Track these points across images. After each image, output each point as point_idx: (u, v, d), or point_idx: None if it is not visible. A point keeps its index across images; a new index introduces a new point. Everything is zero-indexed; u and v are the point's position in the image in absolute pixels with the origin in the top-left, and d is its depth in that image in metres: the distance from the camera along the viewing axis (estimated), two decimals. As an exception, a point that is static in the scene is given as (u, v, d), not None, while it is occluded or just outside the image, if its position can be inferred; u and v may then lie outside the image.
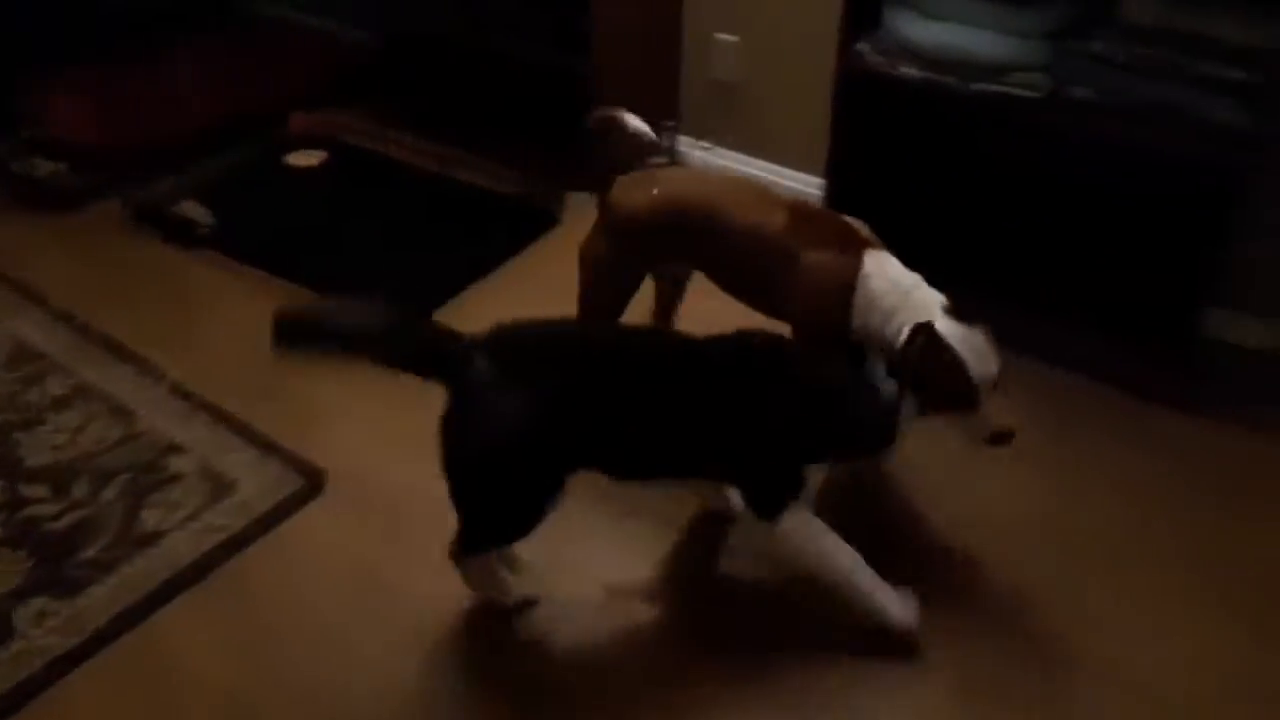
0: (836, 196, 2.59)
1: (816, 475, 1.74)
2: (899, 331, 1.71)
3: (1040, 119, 2.28)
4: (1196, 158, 2.09)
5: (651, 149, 2.16)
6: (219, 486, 2.04)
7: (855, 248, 1.81)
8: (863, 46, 2.39)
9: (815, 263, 1.81)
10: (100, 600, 1.82)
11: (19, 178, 3.03)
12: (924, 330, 1.68)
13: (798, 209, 1.90)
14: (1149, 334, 2.28)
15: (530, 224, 2.91)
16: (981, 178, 2.56)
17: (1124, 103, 2.14)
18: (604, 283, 2.08)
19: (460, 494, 1.66)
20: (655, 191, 1.97)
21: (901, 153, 2.60)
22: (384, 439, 2.19)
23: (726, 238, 1.90)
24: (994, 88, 2.27)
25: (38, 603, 1.80)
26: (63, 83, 3.31)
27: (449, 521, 1.99)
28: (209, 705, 1.70)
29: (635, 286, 2.10)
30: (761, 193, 1.98)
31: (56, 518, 1.97)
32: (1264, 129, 2.02)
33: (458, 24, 3.17)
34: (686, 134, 3.13)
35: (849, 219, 1.89)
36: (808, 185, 2.97)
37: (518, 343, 1.66)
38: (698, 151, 3.13)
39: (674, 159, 3.05)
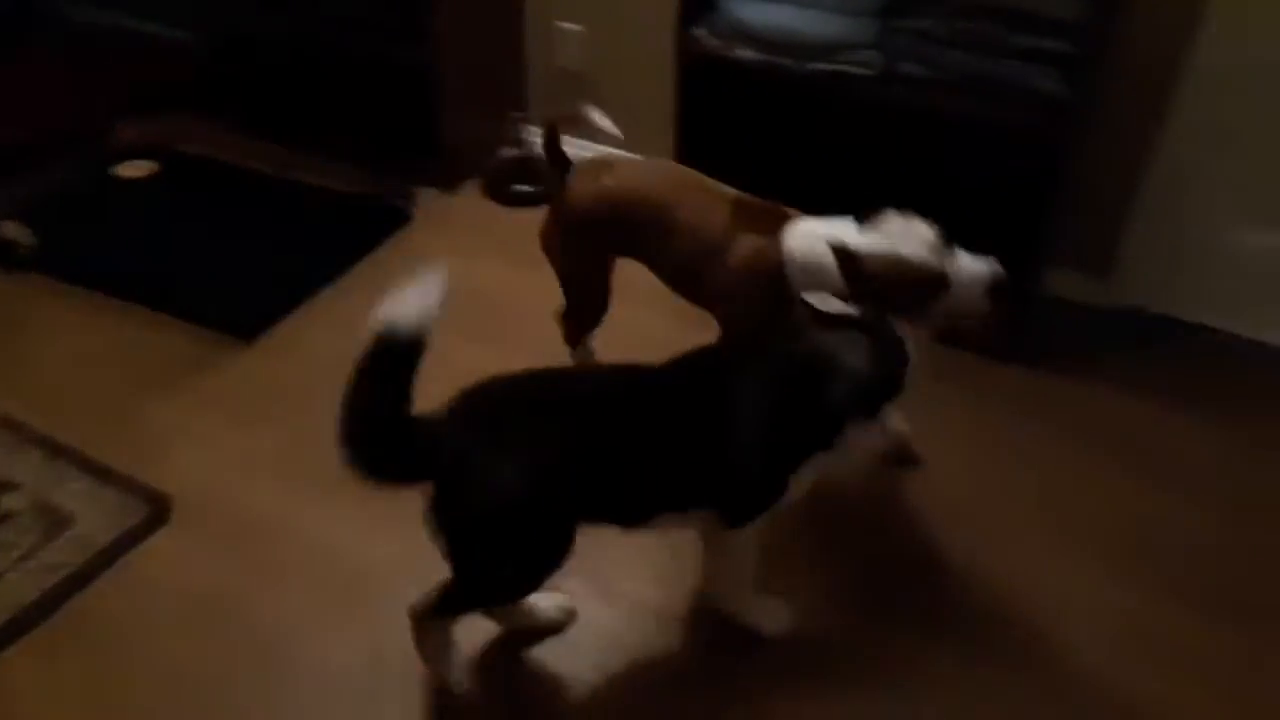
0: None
1: (804, 482, 1.66)
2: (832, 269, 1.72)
3: (873, 96, 2.33)
4: (1022, 126, 2.17)
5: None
6: (55, 521, 1.93)
7: (781, 227, 1.83)
8: (699, 30, 2.41)
9: (744, 249, 1.84)
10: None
11: None
12: (838, 249, 1.70)
13: (740, 203, 1.91)
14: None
15: (381, 223, 2.84)
16: (823, 155, 2.61)
17: (951, 77, 2.21)
18: (567, 272, 2.09)
19: (463, 565, 1.54)
20: (605, 183, 1.97)
21: (745, 134, 2.63)
22: (230, 461, 2.11)
23: (669, 232, 1.90)
24: (828, 66, 2.31)
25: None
26: None
27: (302, 542, 1.94)
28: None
29: (598, 272, 2.08)
30: (708, 188, 1.96)
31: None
32: (1080, 96, 2.11)
33: (291, 21, 3.06)
34: (534, 124, 3.10)
35: (787, 208, 1.89)
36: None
37: (485, 408, 1.54)
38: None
39: (526, 151, 3.02)
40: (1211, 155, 2.29)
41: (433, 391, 1.51)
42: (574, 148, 2.12)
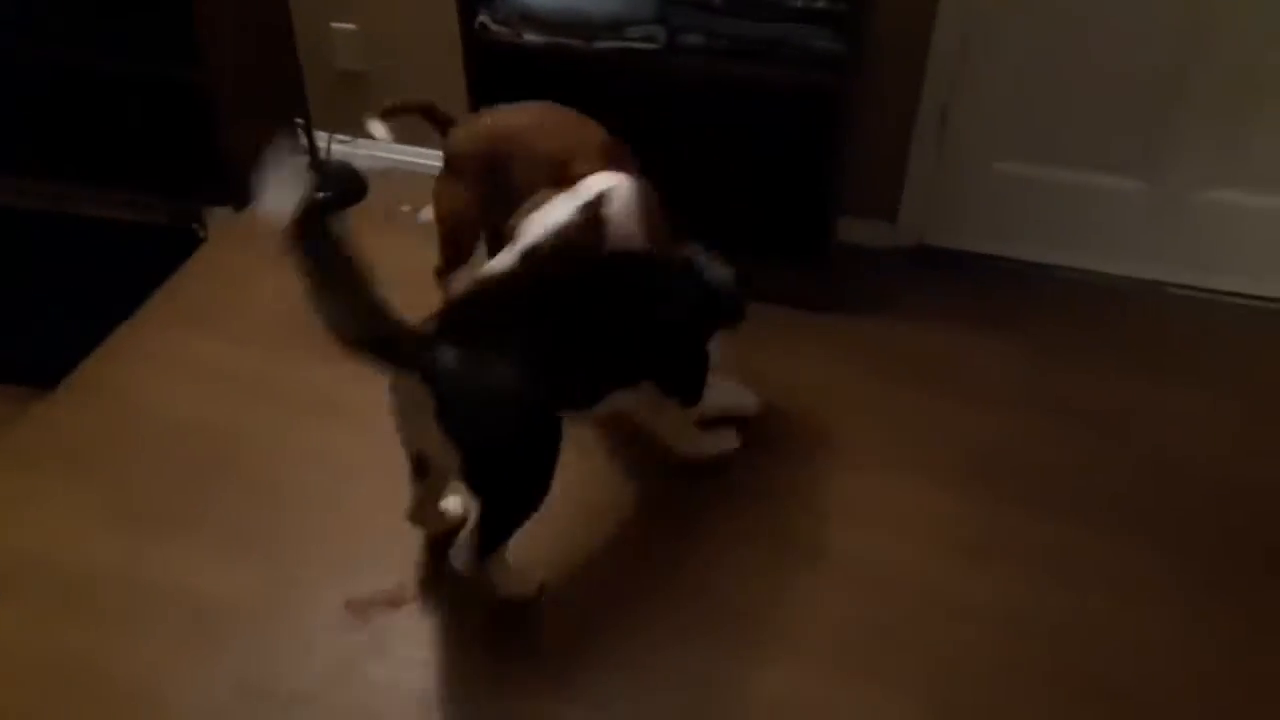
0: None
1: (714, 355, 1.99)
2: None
3: (661, 68, 2.41)
4: (802, 84, 2.31)
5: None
6: None
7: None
8: (483, 18, 2.42)
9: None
10: None
11: None
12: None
13: (602, 144, 2.09)
14: (790, 250, 2.52)
15: (173, 247, 2.71)
16: (620, 130, 2.68)
17: (732, 44, 2.32)
18: (444, 212, 2.24)
19: (488, 475, 1.64)
20: (483, 121, 2.21)
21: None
22: (54, 519, 2.00)
23: (530, 162, 2.06)
24: (614, 44, 2.38)
25: None
26: None
27: (146, 587, 1.87)
28: None
29: (470, 209, 2.20)
30: (579, 126, 2.13)
31: None
32: (853, 51, 2.26)
33: (47, 47, 2.84)
34: (321, 129, 3.02)
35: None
36: (433, 160, 2.97)
37: (466, 314, 1.70)
38: (336, 145, 3.04)
39: (316, 158, 2.95)
40: (970, 97, 2.51)
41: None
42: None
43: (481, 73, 2.50)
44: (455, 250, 2.26)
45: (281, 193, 1.51)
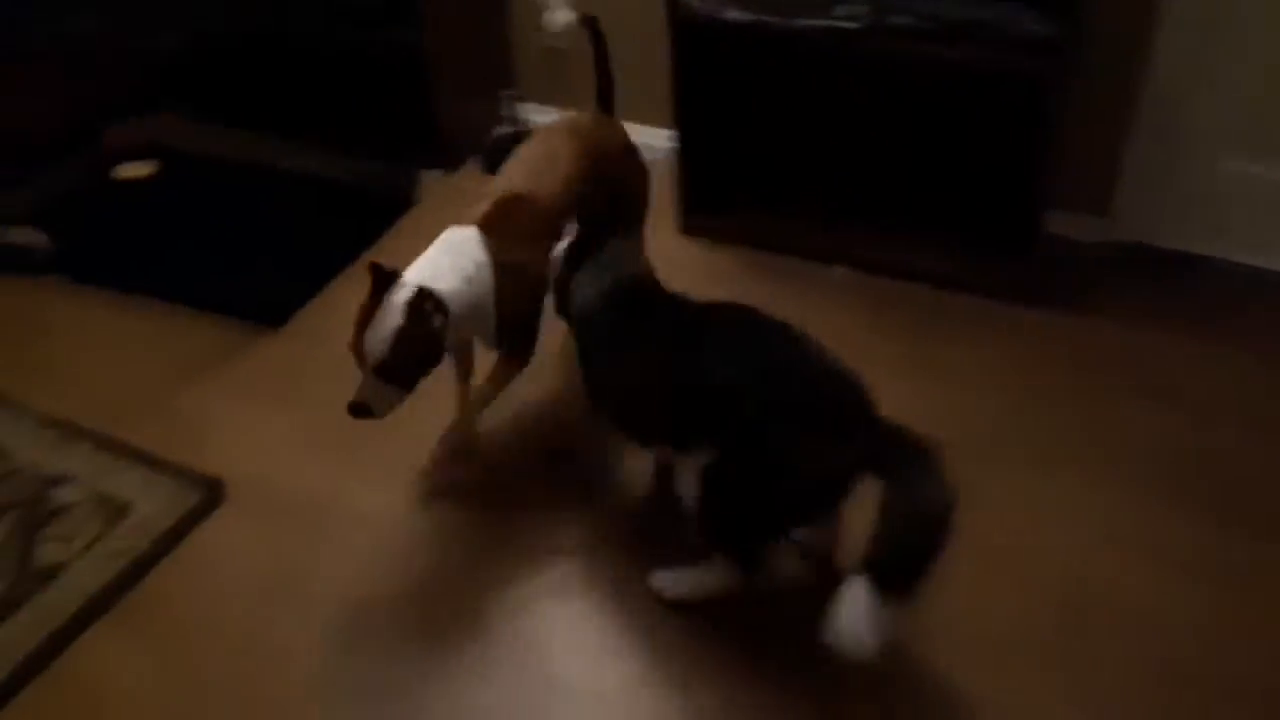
0: (687, 145, 2.68)
1: None
2: None
3: (865, 48, 2.40)
4: (1013, 69, 2.26)
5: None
6: (113, 510, 1.99)
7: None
8: (688, -6, 2.47)
9: None
10: (15, 637, 1.76)
11: None
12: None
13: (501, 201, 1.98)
14: (994, 240, 2.47)
15: (386, 209, 2.89)
16: (819, 111, 2.69)
17: (940, 25, 2.29)
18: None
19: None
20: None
21: (741, 94, 2.70)
22: (272, 442, 2.17)
23: None
24: (819, 22, 2.38)
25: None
26: None
27: (351, 514, 2.01)
28: (145, 709, 1.68)
29: None
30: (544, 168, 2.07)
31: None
32: (1068, 36, 2.19)
33: (276, 16, 3.08)
34: (528, 101, 3.15)
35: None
36: (657, 139, 3.05)
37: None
38: (539, 118, 3.16)
39: (520, 128, 3.08)
40: (1197, 88, 2.39)
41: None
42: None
43: (685, 50, 2.55)
44: None
45: None
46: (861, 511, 1.53)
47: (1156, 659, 1.70)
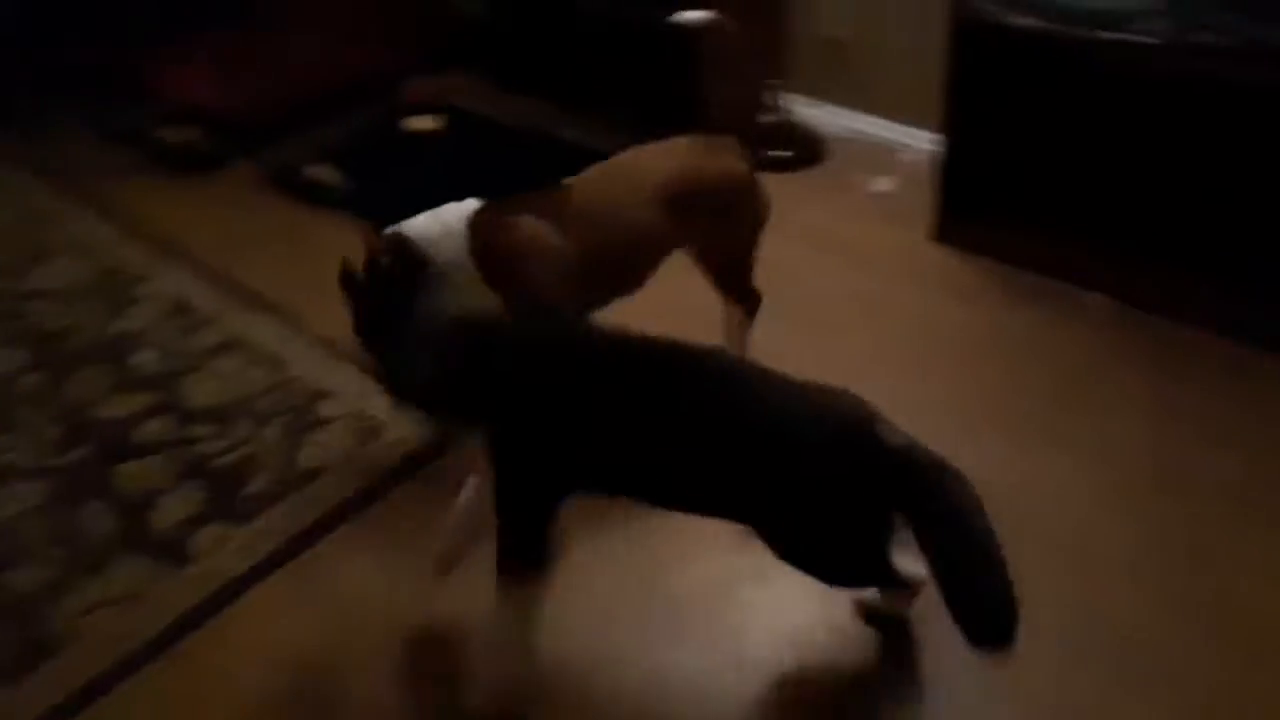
0: (952, 150, 2.62)
1: None
2: None
3: (1162, 66, 2.27)
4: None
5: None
6: (368, 429, 2.18)
7: None
8: (979, -4, 2.41)
9: None
10: (271, 528, 1.97)
11: (155, 145, 3.21)
12: None
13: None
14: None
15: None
16: (1100, 128, 2.56)
17: (1248, 45, 2.13)
18: None
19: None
20: None
21: (1018, 104, 2.61)
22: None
23: None
24: (1115, 36, 2.27)
25: (215, 529, 1.96)
26: (189, 51, 3.46)
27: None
28: (374, 622, 1.84)
29: None
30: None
31: (224, 454, 2.12)
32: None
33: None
34: (794, 91, 3.16)
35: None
36: (921, 141, 3.00)
37: None
38: (804, 109, 3.17)
39: (783, 117, 3.10)
40: None
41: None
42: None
43: (964, 53, 2.49)
44: None
45: None
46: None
47: None
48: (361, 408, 2.23)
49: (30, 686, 1.69)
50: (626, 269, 2.07)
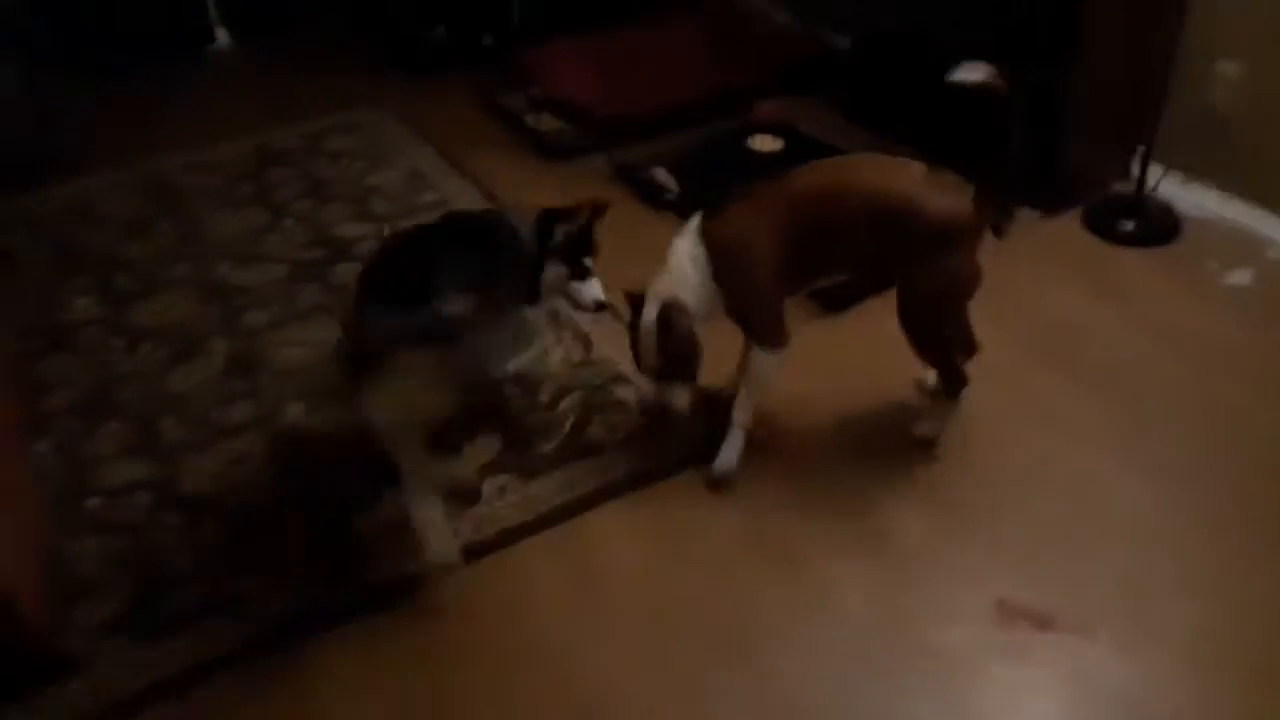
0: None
1: None
2: None
3: None
4: None
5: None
6: (655, 418, 2.29)
7: None
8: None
9: None
10: (549, 489, 2.13)
11: (528, 129, 3.53)
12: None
13: None
14: None
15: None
16: None
17: None
18: None
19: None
20: None
21: None
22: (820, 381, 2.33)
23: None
24: None
25: (502, 479, 2.15)
26: (569, 51, 3.77)
27: (855, 486, 2.09)
28: (622, 595, 1.95)
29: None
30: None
31: (525, 414, 2.32)
32: None
33: (928, 22, 3.19)
34: (1159, 162, 2.95)
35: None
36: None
37: None
38: (1167, 184, 2.95)
39: (1143, 190, 2.91)
40: None
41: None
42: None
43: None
44: None
45: None
46: None
47: None
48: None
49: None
50: (823, 258, 2.06)
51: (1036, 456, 2.19)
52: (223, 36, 4.39)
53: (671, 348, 2.04)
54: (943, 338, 2.10)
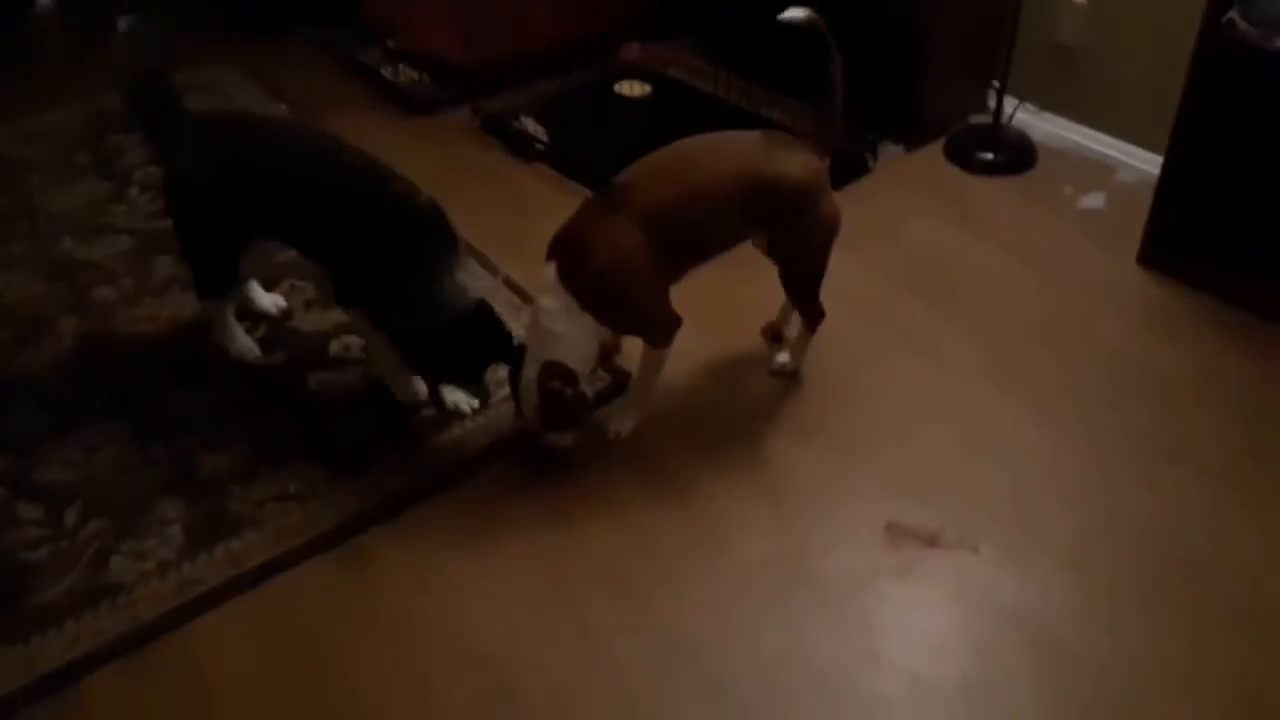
0: (1174, 175, 2.47)
1: None
2: None
3: None
4: None
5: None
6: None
7: None
8: (1234, 14, 2.25)
9: None
10: (437, 449, 2.09)
11: (386, 82, 3.40)
12: None
13: None
14: None
15: (842, 169, 2.93)
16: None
17: None
18: None
19: None
20: None
21: (1254, 134, 2.43)
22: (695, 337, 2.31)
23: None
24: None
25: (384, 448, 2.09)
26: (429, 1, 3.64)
27: (741, 427, 2.10)
28: (522, 543, 1.92)
29: None
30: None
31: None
32: None
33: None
34: (1012, 95, 3.04)
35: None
36: (1143, 162, 2.85)
37: None
38: (1021, 114, 3.05)
39: (999, 122, 3.00)
40: None
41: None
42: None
43: (1207, 74, 2.34)
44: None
45: None
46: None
47: None
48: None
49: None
50: (696, 253, 2.05)
51: (914, 384, 2.26)
52: (44, -4, 4.09)
53: (556, 405, 1.95)
54: (818, 279, 2.15)
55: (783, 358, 2.27)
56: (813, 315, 2.21)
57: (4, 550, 1.90)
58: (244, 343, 2.31)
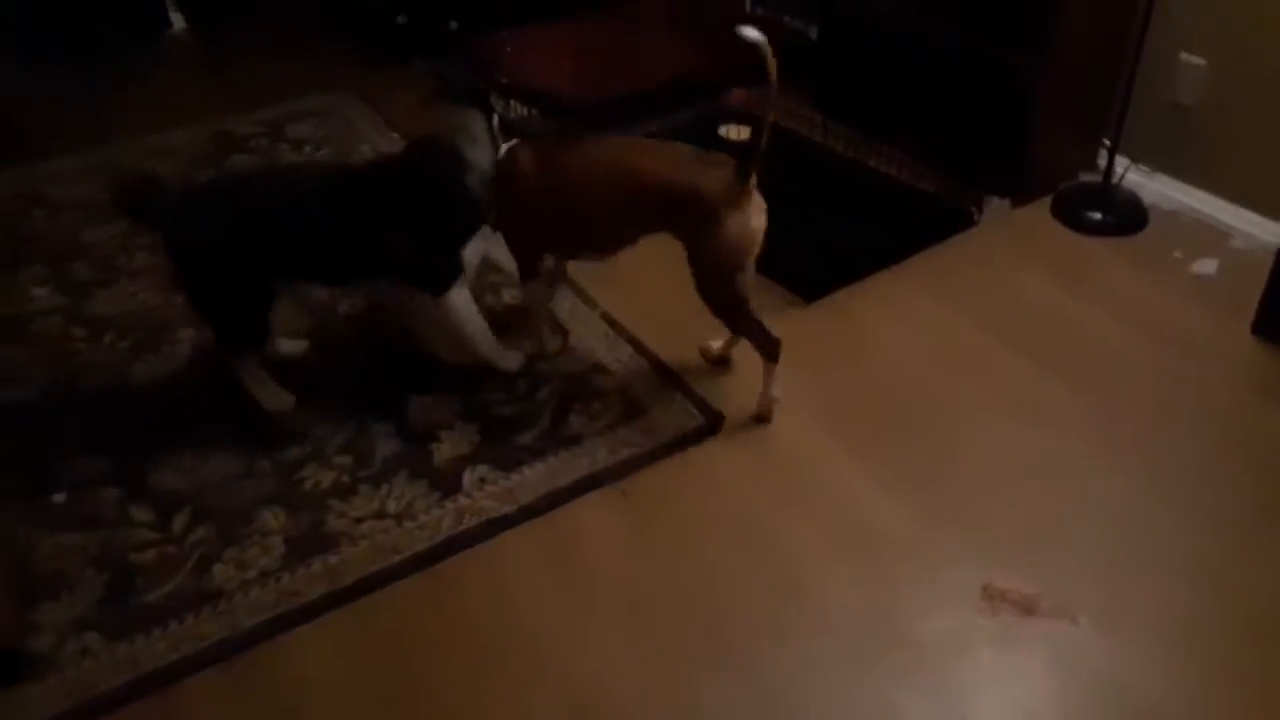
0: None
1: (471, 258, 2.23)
2: None
3: None
4: None
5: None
6: (632, 408, 2.28)
7: None
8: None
9: None
10: (531, 479, 2.11)
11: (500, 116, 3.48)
12: None
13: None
14: None
15: (945, 222, 2.93)
16: None
17: None
18: None
19: None
20: None
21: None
22: (784, 399, 2.32)
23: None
24: None
25: (481, 470, 2.13)
26: (537, 38, 3.73)
27: (827, 484, 2.10)
28: (605, 587, 1.93)
29: None
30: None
31: (502, 405, 2.29)
32: None
33: (913, 16, 3.19)
34: (1124, 154, 2.99)
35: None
36: (1259, 228, 2.79)
37: None
38: (1133, 175, 3.00)
39: (1109, 183, 2.94)
40: None
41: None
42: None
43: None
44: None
45: None
46: None
47: None
48: (630, 387, 2.34)
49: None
50: (579, 233, 2.24)
51: (1013, 441, 2.21)
52: (178, 21, 4.30)
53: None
54: (736, 298, 2.16)
55: (760, 403, 2.26)
56: (763, 343, 2.22)
57: (116, 550, 1.98)
58: (275, 393, 2.29)
